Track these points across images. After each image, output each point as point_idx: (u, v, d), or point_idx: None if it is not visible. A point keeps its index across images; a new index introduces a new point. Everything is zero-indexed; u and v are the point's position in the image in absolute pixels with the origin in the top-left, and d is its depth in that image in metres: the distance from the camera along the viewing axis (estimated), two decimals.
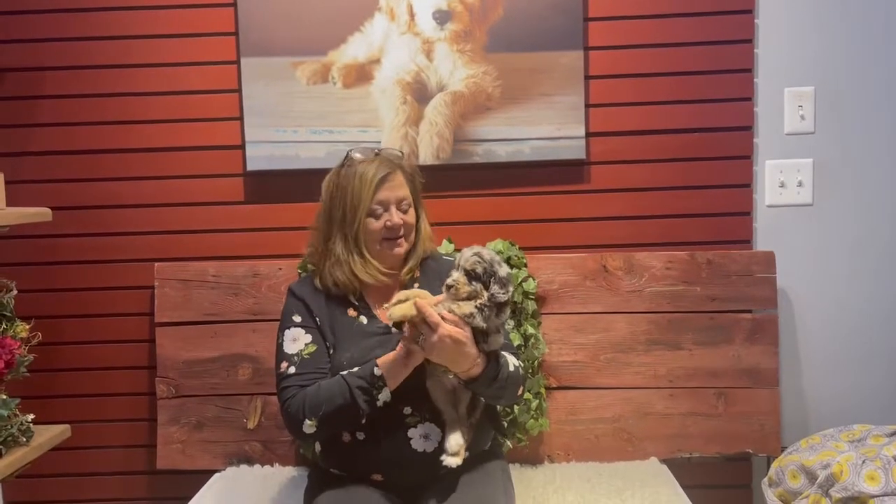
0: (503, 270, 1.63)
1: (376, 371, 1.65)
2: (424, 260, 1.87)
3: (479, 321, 1.61)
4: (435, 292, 1.69)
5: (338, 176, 1.79)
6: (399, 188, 1.77)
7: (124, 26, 2.27)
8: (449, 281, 1.62)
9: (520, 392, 1.80)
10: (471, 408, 1.72)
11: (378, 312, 1.80)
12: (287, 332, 1.78)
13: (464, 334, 1.59)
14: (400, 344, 1.66)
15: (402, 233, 1.78)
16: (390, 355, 1.67)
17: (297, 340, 1.76)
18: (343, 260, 1.76)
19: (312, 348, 1.75)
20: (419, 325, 1.61)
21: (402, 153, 1.86)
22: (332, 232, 1.78)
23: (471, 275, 1.61)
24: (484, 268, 1.61)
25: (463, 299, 1.61)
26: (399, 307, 1.61)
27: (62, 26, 2.27)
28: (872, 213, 2.30)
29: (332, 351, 1.76)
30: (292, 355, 1.74)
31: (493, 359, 1.67)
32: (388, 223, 1.75)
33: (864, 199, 2.30)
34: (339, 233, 1.77)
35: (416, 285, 1.81)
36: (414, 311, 1.59)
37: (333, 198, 1.78)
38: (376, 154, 1.79)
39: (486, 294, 1.61)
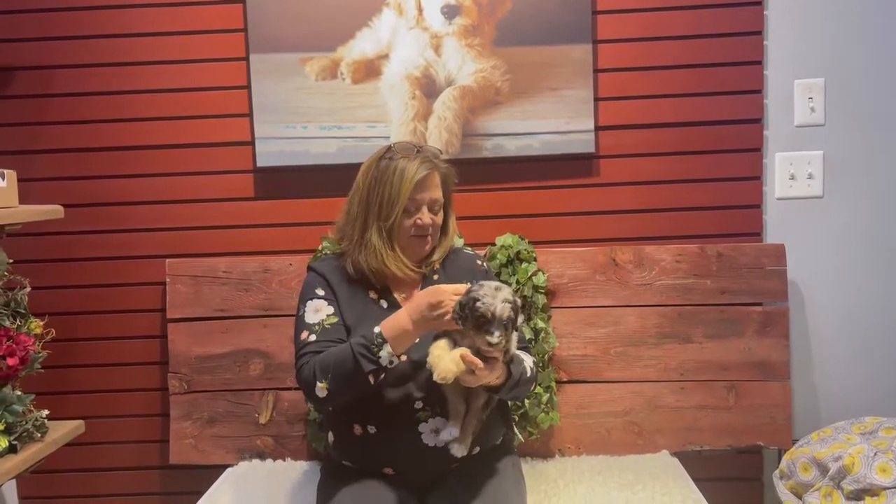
0: (516, 297, 1.63)
1: (375, 329, 1.64)
2: (445, 255, 1.89)
3: (513, 349, 1.66)
4: (455, 284, 1.70)
5: (377, 167, 1.77)
6: (434, 189, 1.78)
7: (134, 24, 2.28)
8: (493, 340, 1.56)
9: (533, 388, 1.84)
10: (485, 403, 1.72)
11: (399, 298, 1.81)
12: (309, 303, 1.78)
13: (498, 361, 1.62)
14: (405, 311, 1.66)
15: (430, 231, 1.79)
16: (394, 316, 1.66)
17: (320, 311, 1.76)
18: (378, 250, 1.75)
19: (334, 319, 1.75)
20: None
21: (440, 150, 1.85)
22: (369, 222, 1.77)
23: (507, 325, 1.59)
24: (515, 309, 1.60)
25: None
26: (446, 366, 1.56)
27: (72, 25, 2.28)
28: (883, 205, 2.29)
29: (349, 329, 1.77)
30: (314, 325, 1.74)
31: (513, 367, 1.70)
32: (419, 222, 1.76)
33: (875, 191, 2.29)
34: (374, 224, 1.76)
35: (436, 277, 1.83)
36: (462, 368, 1.56)
37: (371, 189, 1.77)
38: (418, 151, 1.78)
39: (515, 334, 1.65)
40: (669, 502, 1.88)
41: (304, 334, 1.74)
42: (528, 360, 1.76)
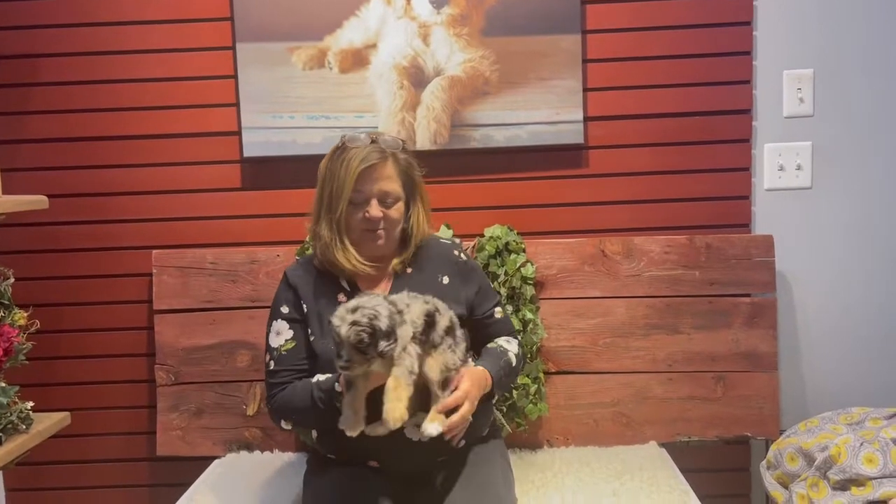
0: (383, 320, 1.51)
1: (337, 387, 1.65)
2: (419, 247, 1.84)
3: (410, 366, 1.55)
4: (430, 278, 1.69)
5: (330, 160, 1.76)
6: (384, 181, 1.73)
7: (119, 12, 2.25)
8: (340, 363, 1.51)
9: (521, 370, 1.88)
10: (444, 382, 1.65)
11: None
12: (274, 323, 1.80)
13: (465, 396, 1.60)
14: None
15: (381, 226, 1.74)
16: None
17: (280, 335, 1.78)
18: (328, 244, 1.74)
19: (290, 345, 1.76)
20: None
21: (403, 141, 1.81)
22: (321, 215, 1.76)
23: (364, 349, 1.50)
24: (372, 331, 1.50)
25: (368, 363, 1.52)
26: (398, 409, 1.51)
27: (56, 12, 2.25)
28: (871, 197, 2.29)
29: (313, 338, 1.77)
30: (274, 349, 1.77)
31: (496, 371, 1.71)
32: (367, 215, 1.73)
33: (863, 182, 2.29)
34: (325, 216, 1.75)
35: (409, 271, 1.81)
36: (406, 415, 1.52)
37: (324, 181, 1.76)
38: (372, 141, 1.74)
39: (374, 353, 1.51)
40: (657, 493, 1.88)
41: (267, 358, 1.79)
42: (512, 350, 1.77)
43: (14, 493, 2.40)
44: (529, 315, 2.15)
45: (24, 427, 1.97)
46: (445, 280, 1.82)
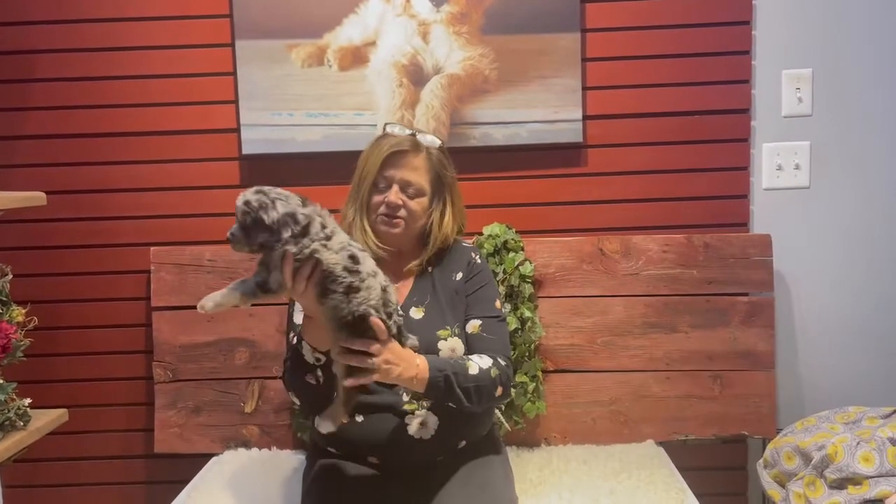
0: (272, 214, 1.39)
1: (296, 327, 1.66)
2: (442, 249, 1.85)
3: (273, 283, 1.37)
4: (447, 275, 1.68)
5: (368, 147, 1.81)
6: (410, 171, 1.76)
7: (118, 8, 2.24)
8: (228, 234, 1.38)
9: (498, 393, 1.73)
10: (348, 370, 1.54)
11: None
12: (297, 303, 1.77)
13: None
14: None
15: (401, 214, 1.76)
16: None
17: (302, 312, 1.75)
18: (351, 223, 1.78)
19: None
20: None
21: (442, 142, 1.83)
22: (351, 198, 1.81)
23: (246, 227, 1.37)
24: (251, 218, 1.36)
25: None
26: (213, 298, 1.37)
27: (55, 8, 2.25)
28: (869, 196, 2.30)
29: None
30: (297, 325, 1.74)
31: (437, 364, 1.65)
32: (386, 199, 1.75)
33: (861, 181, 2.29)
34: (354, 198, 1.80)
35: (430, 269, 1.83)
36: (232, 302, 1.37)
37: (358, 165, 1.81)
38: (412, 134, 1.79)
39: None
40: (654, 491, 1.89)
41: (291, 335, 1.77)
42: (477, 362, 1.70)
43: (12, 489, 2.40)
44: (528, 313, 2.15)
45: (21, 424, 1.96)
46: (458, 276, 1.84)
